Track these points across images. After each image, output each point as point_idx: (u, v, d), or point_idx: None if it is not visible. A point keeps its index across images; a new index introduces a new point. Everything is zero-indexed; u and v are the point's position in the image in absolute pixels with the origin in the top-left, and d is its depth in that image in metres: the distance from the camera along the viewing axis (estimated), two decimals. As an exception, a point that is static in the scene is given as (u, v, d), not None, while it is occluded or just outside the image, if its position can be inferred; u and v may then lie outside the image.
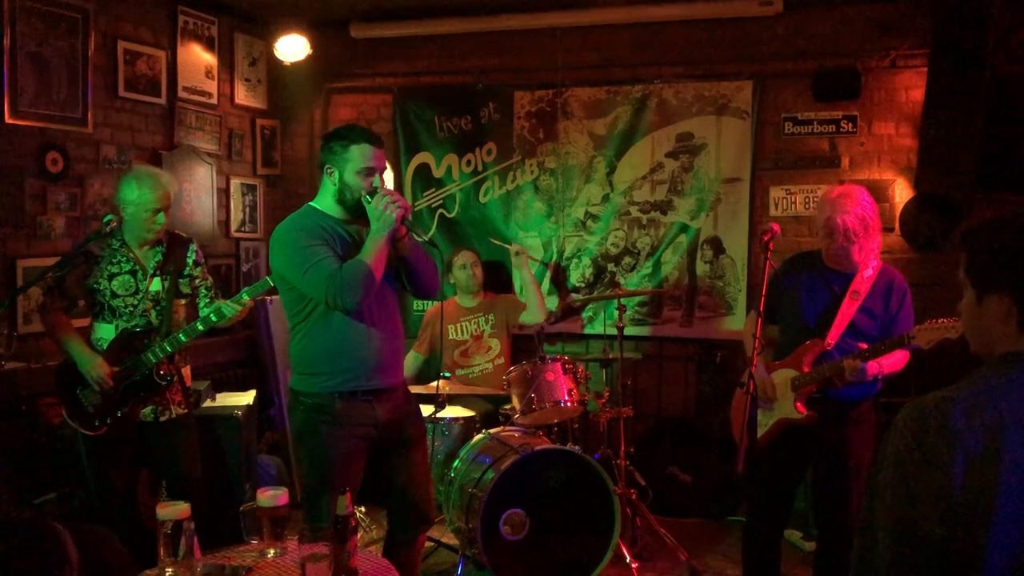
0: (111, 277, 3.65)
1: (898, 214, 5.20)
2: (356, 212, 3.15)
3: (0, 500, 3.65)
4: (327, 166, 3.14)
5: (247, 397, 4.59)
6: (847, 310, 3.40)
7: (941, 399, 1.49)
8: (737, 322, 5.37)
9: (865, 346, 3.28)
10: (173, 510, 2.58)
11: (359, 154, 3.09)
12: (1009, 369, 1.50)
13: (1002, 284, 1.52)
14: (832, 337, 3.40)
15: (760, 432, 3.59)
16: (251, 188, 5.94)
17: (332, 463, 3.12)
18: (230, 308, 3.62)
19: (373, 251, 3.02)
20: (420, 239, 3.27)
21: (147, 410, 3.69)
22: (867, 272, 3.43)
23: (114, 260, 3.67)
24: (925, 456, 1.45)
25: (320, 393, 3.13)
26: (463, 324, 5.19)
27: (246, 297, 3.60)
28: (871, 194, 5.05)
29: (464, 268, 5.19)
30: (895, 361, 3.35)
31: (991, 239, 1.54)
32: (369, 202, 3.07)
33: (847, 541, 3.35)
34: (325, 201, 3.19)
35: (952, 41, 4.55)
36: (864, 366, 3.24)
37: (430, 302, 5.50)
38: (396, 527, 3.43)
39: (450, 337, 5.14)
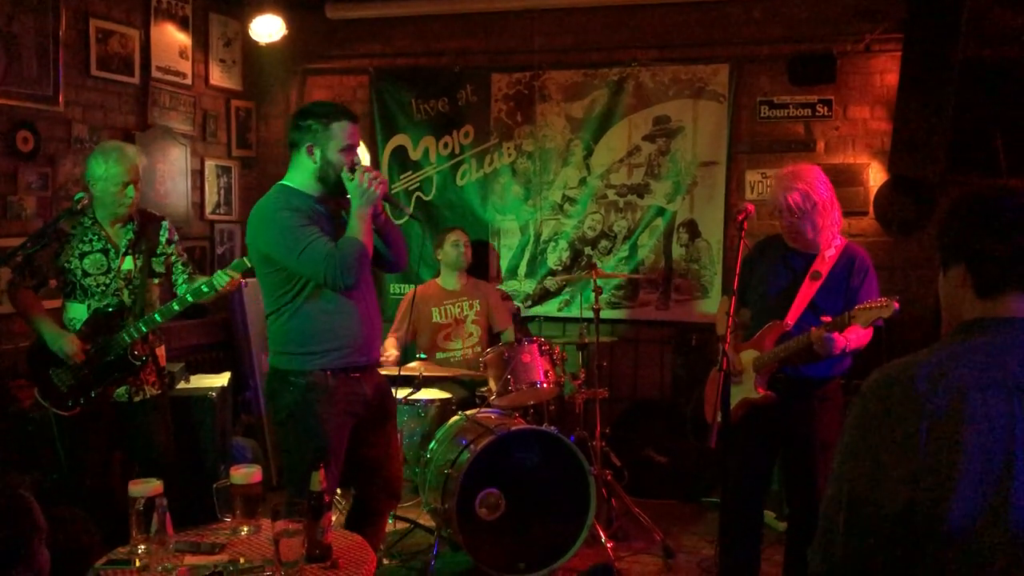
0: (82, 256, 3.61)
1: (872, 198, 5.25)
2: (335, 189, 3.13)
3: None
4: (307, 145, 3.09)
5: (222, 379, 4.57)
6: (807, 291, 3.41)
7: (906, 365, 1.54)
8: (712, 305, 5.41)
9: (829, 319, 3.29)
10: (145, 487, 2.57)
11: (340, 131, 3.08)
12: (970, 335, 1.57)
13: (957, 254, 1.62)
14: (791, 317, 3.41)
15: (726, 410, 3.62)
16: (226, 170, 5.90)
17: (328, 441, 3.10)
18: (210, 287, 3.58)
19: (360, 227, 3.03)
20: (404, 215, 3.29)
21: (121, 390, 3.66)
22: (829, 252, 3.44)
23: (85, 238, 3.63)
24: (890, 421, 1.49)
25: (312, 371, 3.10)
26: (446, 307, 5.16)
27: (225, 278, 3.57)
28: (847, 177, 5.18)
29: (456, 245, 5.14)
30: (859, 336, 3.37)
31: (948, 214, 1.65)
32: (350, 179, 3.05)
33: (815, 518, 3.39)
34: (300, 179, 3.14)
35: (925, 25, 4.58)
36: (831, 336, 3.24)
37: (408, 285, 5.48)
38: (366, 502, 3.39)
39: (433, 320, 5.12)
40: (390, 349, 4.81)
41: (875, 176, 5.27)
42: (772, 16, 5.35)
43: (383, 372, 3.56)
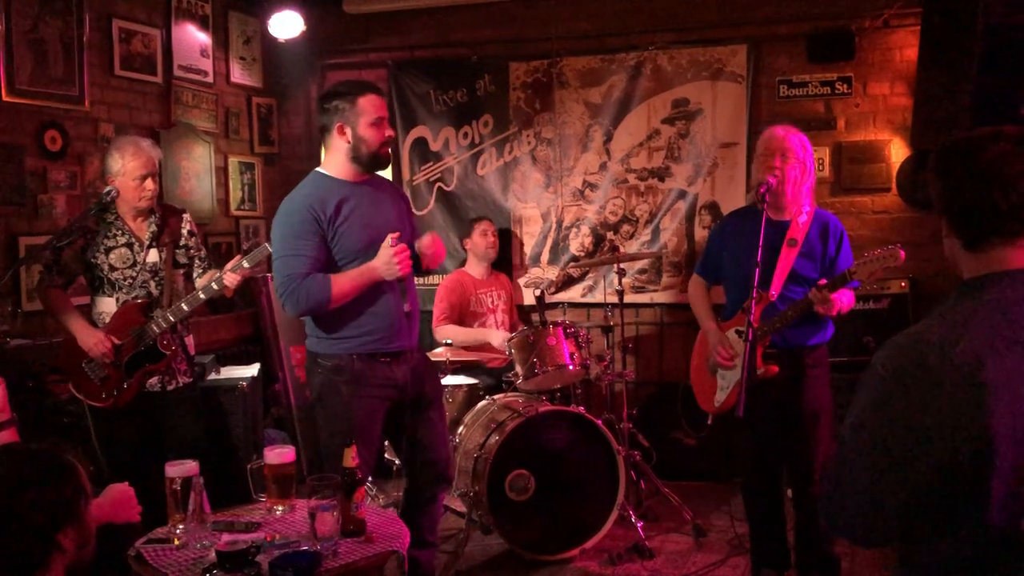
0: (108, 251, 3.68)
1: (895, 174, 5.22)
2: (372, 165, 3.16)
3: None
4: (338, 124, 3.10)
5: (251, 370, 4.62)
6: (786, 259, 3.39)
7: (915, 338, 1.48)
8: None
9: (825, 281, 3.26)
10: (182, 467, 2.62)
11: (368, 105, 3.09)
12: (967, 299, 1.50)
13: (939, 207, 1.57)
14: (775, 288, 3.38)
15: (722, 396, 3.60)
16: (249, 166, 5.95)
17: (354, 422, 3.13)
18: (219, 285, 3.60)
19: (349, 283, 3.07)
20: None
21: (153, 380, 3.72)
22: (801, 218, 3.42)
23: (110, 234, 3.69)
24: (908, 397, 1.43)
25: (339, 355, 3.16)
26: (480, 296, 5.23)
27: (246, 264, 3.60)
28: (869, 154, 5.17)
29: (485, 235, 5.30)
30: (849, 299, 3.37)
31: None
32: (388, 245, 3.03)
33: (814, 484, 3.39)
34: (335, 164, 3.18)
35: (943, -4, 4.55)
36: (830, 296, 3.23)
37: (441, 274, 5.49)
38: (415, 486, 3.43)
39: (469, 308, 5.17)
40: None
41: (897, 152, 5.23)
42: (789, -6, 5.33)
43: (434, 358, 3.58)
